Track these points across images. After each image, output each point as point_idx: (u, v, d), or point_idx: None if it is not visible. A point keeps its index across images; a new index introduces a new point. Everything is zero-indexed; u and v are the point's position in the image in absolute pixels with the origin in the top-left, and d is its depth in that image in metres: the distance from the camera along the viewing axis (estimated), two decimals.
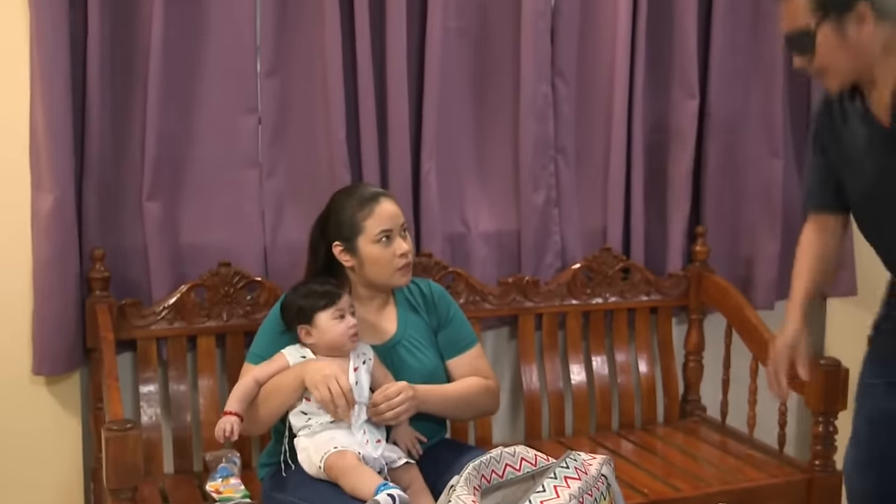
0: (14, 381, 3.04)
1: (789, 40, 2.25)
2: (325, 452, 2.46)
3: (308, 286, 2.63)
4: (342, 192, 2.81)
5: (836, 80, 2.23)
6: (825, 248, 2.51)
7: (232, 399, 2.55)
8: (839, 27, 2.15)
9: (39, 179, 2.93)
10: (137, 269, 3.10)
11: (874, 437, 2.45)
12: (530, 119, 3.38)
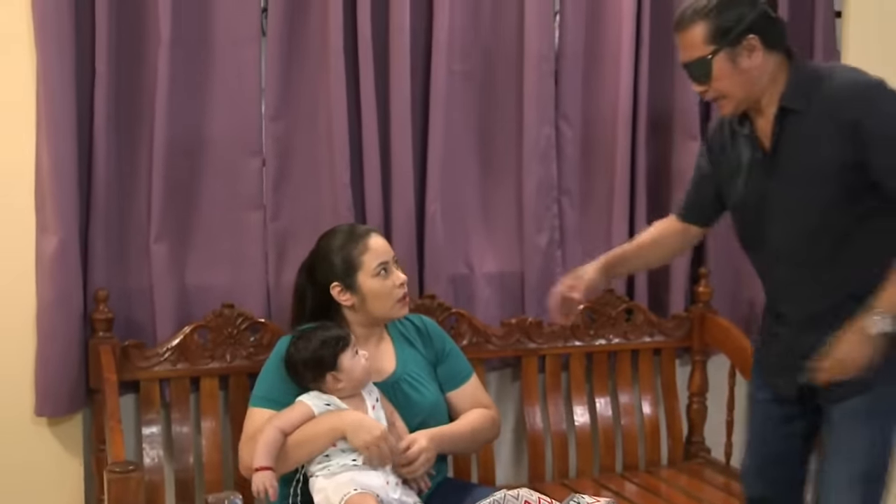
0: (16, 422, 3.03)
1: (688, 69, 2.46)
2: (346, 494, 2.44)
3: (314, 336, 2.61)
4: (328, 235, 2.83)
5: (730, 105, 2.46)
6: (670, 241, 2.79)
7: (261, 454, 2.48)
8: (732, 57, 2.39)
9: (44, 221, 2.94)
10: (141, 310, 3.11)
11: (766, 444, 2.68)
12: (534, 161, 3.39)
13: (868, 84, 2.39)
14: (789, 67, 2.46)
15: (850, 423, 2.49)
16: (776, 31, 2.44)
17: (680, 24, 2.46)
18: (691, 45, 2.43)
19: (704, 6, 2.41)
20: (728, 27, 2.39)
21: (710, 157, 2.67)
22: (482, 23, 3.41)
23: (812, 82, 2.42)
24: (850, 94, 2.37)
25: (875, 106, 2.36)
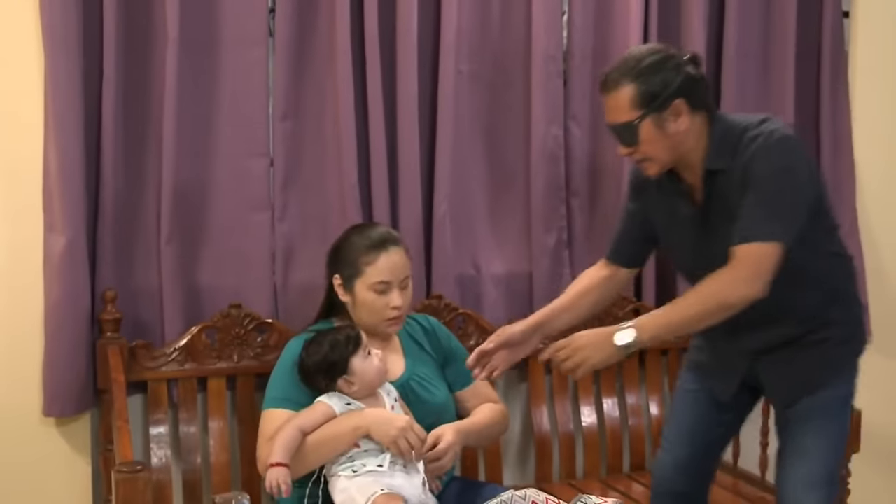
0: (24, 422, 3.04)
1: (615, 131, 2.48)
2: (372, 494, 2.43)
3: (324, 340, 2.60)
4: (357, 228, 2.85)
5: (656, 167, 2.48)
6: (604, 284, 2.78)
7: (278, 450, 2.46)
8: (658, 121, 2.41)
9: (52, 221, 2.95)
10: (149, 310, 3.11)
11: (695, 434, 2.74)
12: (542, 162, 3.39)
13: (775, 137, 2.41)
14: (710, 124, 2.48)
15: (807, 424, 2.56)
16: (700, 92, 2.46)
17: (606, 85, 2.47)
18: (618, 109, 2.44)
19: (632, 69, 2.42)
20: (655, 92, 2.40)
21: (639, 203, 2.69)
22: (490, 23, 3.40)
23: (732, 139, 2.44)
24: (756, 146, 2.40)
25: (769, 153, 2.39)
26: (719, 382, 2.73)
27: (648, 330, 2.40)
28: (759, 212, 2.37)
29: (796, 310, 2.53)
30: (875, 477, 3.89)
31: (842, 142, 3.79)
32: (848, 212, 3.80)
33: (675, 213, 2.57)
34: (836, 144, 3.78)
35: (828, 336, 2.57)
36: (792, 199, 2.39)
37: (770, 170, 2.37)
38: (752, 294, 2.37)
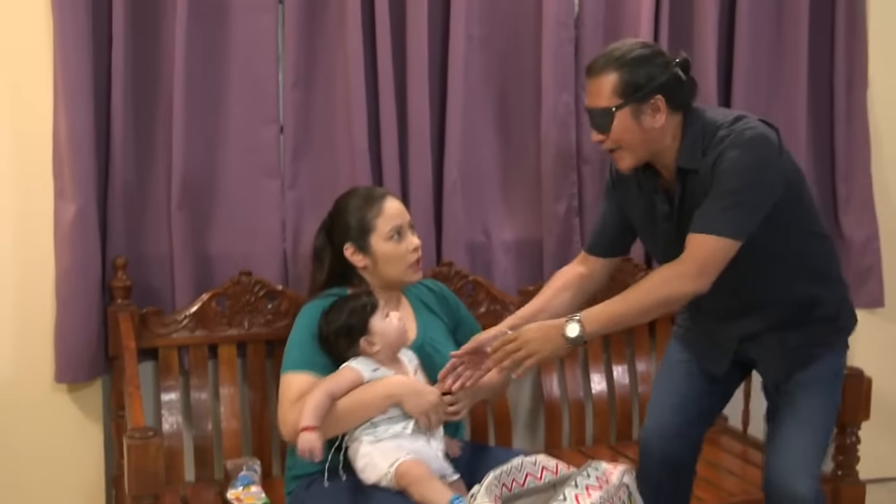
0: (37, 388, 3.06)
1: (591, 115, 2.49)
2: (396, 460, 2.45)
3: (342, 306, 2.60)
4: (345, 196, 2.83)
5: (628, 160, 2.48)
6: (578, 282, 2.76)
7: (308, 414, 2.44)
8: (636, 113, 2.42)
9: (62, 189, 2.95)
10: (159, 277, 3.12)
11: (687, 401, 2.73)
12: (552, 128, 3.38)
13: (745, 136, 2.41)
14: (685, 124, 2.48)
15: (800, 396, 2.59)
16: (683, 94, 2.47)
17: (592, 69, 2.48)
18: (598, 93, 2.45)
19: (619, 58, 2.43)
20: (638, 83, 2.41)
21: (618, 197, 2.71)
22: None
23: (705, 138, 2.45)
24: (724, 145, 2.41)
25: (735, 151, 2.39)
26: (710, 361, 2.74)
27: (593, 322, 2.41)
28: (716, 206, 2.39)
29: (781, 294, 2.56)
30: (884, 444, 3.89)
31: (856, 109, 3.76)
32: (863, 179, 3.78)
33: (652, 209, 2.59)
34: (850, 112, 3.75)
35: (815, 316, 2.59)
36: (751, 198, 2.40)
37: (733, 167, 2.38)
38: (695, 290, 2.41)
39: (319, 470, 2.60)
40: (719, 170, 2.39)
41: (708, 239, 2.39)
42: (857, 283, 3.82)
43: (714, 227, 2.38)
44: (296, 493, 2.67)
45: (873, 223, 3.79)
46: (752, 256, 2.45)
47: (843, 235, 3.80)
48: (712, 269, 2.40)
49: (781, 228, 2.48)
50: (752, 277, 2.50)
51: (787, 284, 2.56)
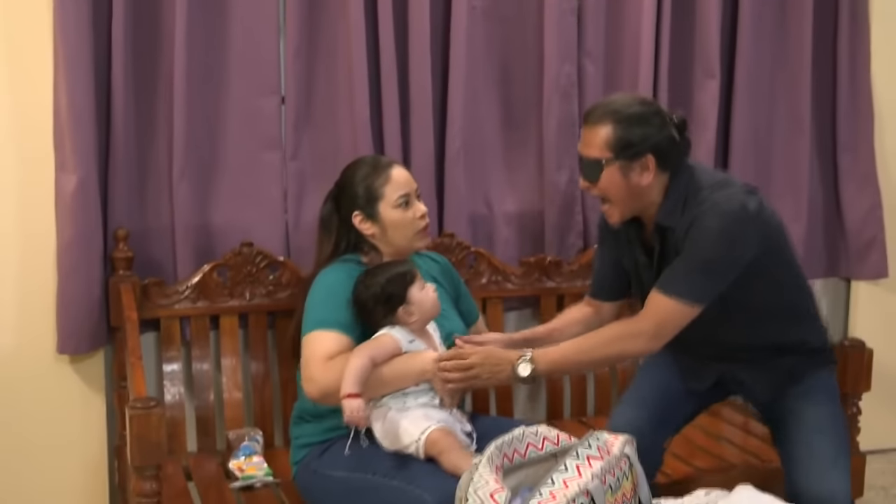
0: (39, 359, 3.07)
1: (581, 163, 2.53)
2: (427, 427, 2.46)
3: (380, 273, 2.58)
4: (352, 165, 2.81)
5: (616, 214, 2.53)
6: (586, 321, 2.78)
7: (352, 381, 2.41)
8: (624, 169, 2.45)
9: (63, 160, 2.95)
10: (161, 248, 3.12)
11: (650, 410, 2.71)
12: (555, 99, 3.37)
13: (723, 205, 2.43)
14: (671, 182, 2.51)
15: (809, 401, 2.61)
16: (674, 155, 2.49)
17: (589, 117, 2.51)
18: (591, 143, 2.48)
19: (616, 111, 2.45)
20: (631, 141, 2.43)
21: (608, 245, 2.76)
22: None
23: (687, 199, 2.48)
24: (702, 209, 2.44)
25: (711, 218, 2.42)
26: (691, 378, 2.76)
27: (545, 364, 2.48)
28: (683, 268, 2.45)
29: (764, 339, 2.62)
30: (885, 416, 3.90)
31: (860, 80, 3.75)
32: (865, 150, 3.77)
33: (636, 260, 2.66)
34: (853, 83, 3.74)
35: (799, 349, 2.65)
36: (718, 268, 2.44)
37: (706, 235, 2.42)
38: (649, 350, 2.52)
39: (331, 437, 2.62)
40: (692, 234, 2.44)
41: (668, 301, 2.45)
42: (859, 255, 3.82)
43: (676, 291, 2.44)
44: (306, 462, 2.68)
45: (876, 194, 3.78)
46: (733, 309, 2.51)
47: (841, 207, 3.79)
48: (668, 331, 2.47)
49: (771, 275, 2.54)
50: (737, 327, 2.58)
51: (772, 328, 2.61)
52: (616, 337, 2.52)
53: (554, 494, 1.73)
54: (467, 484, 1.79)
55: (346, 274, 2.66)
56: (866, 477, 3.07)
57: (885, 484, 3.81)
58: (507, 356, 2.51)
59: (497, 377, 2.51)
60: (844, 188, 3.79)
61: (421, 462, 2.47)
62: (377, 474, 2.50)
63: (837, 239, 3.86)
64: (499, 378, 2.51)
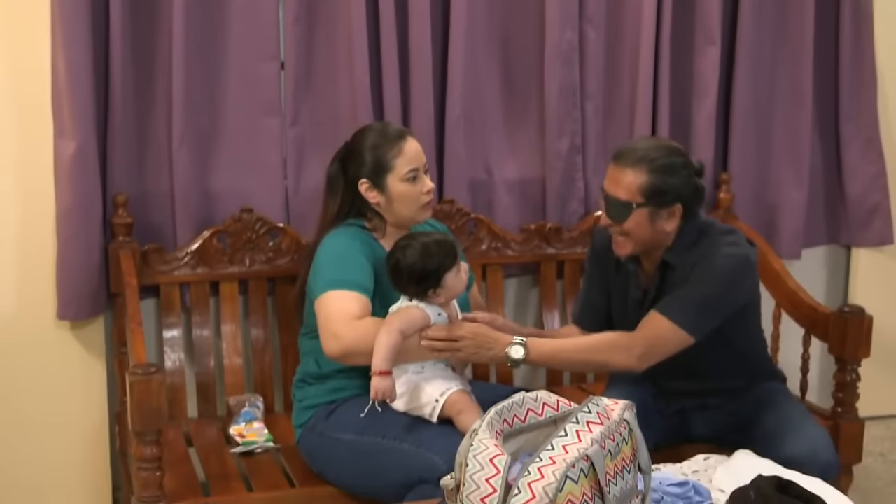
0: (39, 325, 3.07)
1: (608, 202, 2.61)
2: (447, 389, 2.52)
3: (423, 250, 2.52)
4: (366, 130, 2.78)
5: (629, 248, 2.63)
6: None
7: (383, 358, 2.41)
8: (653, 216, 2.57)
9: (62, 126, 2.94)
10: (160, 214, 3.11)
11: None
12: (556, 65, 3.35)
13: (728, 251, 2.59)
14: (684, 225, 2.63)
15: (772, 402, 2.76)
16: (697, 202, 2.63)
17: (622, 159, 2.59)
18: (622, 185, 2.57)
19: (653, 158, 2.55)
20: (664, 190, 2.55)
21: (598, 270, 2.85)
22: None
23: (695, 241, 2.63)
24: (709, 252, 2.59)
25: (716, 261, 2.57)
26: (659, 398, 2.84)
27: (537, 354, 2.56)
28: (686, 299, 2.57)
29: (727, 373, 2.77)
30: (884, 383, 3.91)
31: (863, 46, 3.72)
32: (869, 117, 3.75)
33: (626, 293, 2.75)
34: (856, 49, 3.71)
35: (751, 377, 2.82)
36: (718, 306, 2.58)
37: (712, 274, 2.56)
38: (632, 367, 2.60)
39: (337, 399, 2.64)
40: (698, 270, 2.57)
41: (667, 323, 2.56)
42: (861, 222, 3.81)
43: (677, 317, 2.55)
44: (311, 425, 2.69)
45: (880, 160, 3.77)
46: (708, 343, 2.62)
47: (843, 175, 3.78)
48: (658, 353, 2.58)
49: (747, 325, 2.75)
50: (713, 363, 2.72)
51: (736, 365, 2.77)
52: (606, 345, 2.62)
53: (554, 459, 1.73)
54: (467, 449, 1.79)
55: (355, 237, 2.66)
56: (865, 443, 3.07)
57: (883, 450, 3.83)
58: (500, 337, 2.56)
59: (485, 355, 2.55)
60: (846, 156, 3.77)
61: (431, 425, 2.50)
62: (387, 437, 2.52)
63: (838, 207, 3.85)
64: (485, 356, 2.56)
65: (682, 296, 2.57)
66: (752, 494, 2.00)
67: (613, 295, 2.81)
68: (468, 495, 1.74)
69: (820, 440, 2.62)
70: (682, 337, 2.57)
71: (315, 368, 2.71)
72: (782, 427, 2.66)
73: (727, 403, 2.80)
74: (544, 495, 1.69)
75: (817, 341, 3.12)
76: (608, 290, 2.83)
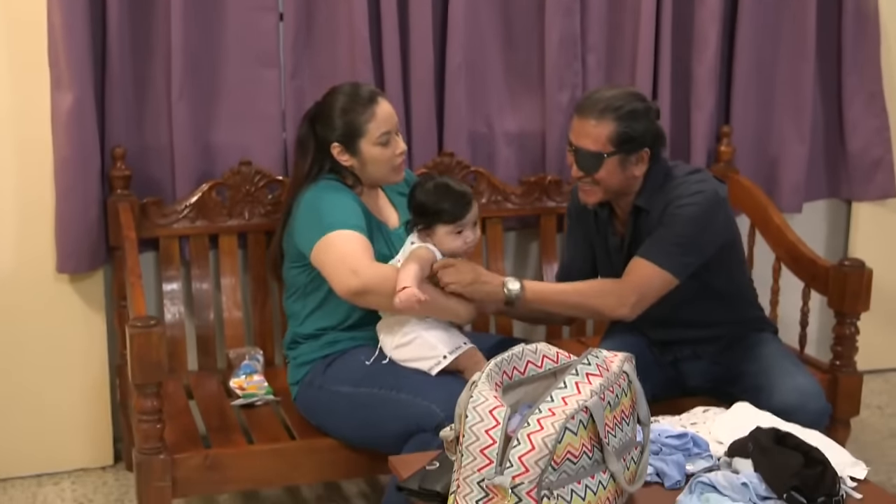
0: (39, 279, 3.07)
1: (578, 154, 2.61)
2: (457, 347, 2.55)
3: (436, 190, 2.55)
4: (336, 91, 2.74)
5: (598, 195, 2.64)
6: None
7: (408, 276, 2.41)
8: (623, 162, 2.59)
9: (59, 78, 2.92)
10: (159, 167, 3.10)
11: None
12: (557, 15, 3.32)
13: (697, 189, 2.61)
14: (650, 169, 2.65)
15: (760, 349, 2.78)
16: (661, 144, 2.67)
17: (586, 111, 2.59)
18: (589, 136, 2.58)
19: (619, 107, 2.57)
20: (632, 137, 2.57)
21: (579, 230, 2.88)
22: None
23: (664, 183, 2.64)
24: (677, 192, 2.61)
25: (687, 201, 2.59)
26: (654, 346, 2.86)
27: (531, 292, 2.58)
28: (665, 241, 2.59)
29: (716, 319, 2.80)
30: (883, 337, 3.92)
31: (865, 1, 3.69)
32: (872, 71, 3.73)
33: (606, 242, 2.79)
34: (859, 4, 3.67)
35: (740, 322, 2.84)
36: (697, 245, 2.61)
37: (685, 214, 2.58)
38: (623, 315, 2.62)
39: (331, 353, 2.65)
40: (672, 211, 2.60)
41: (652, 268, 2.59)
42: (863, 176, 3.79)
43: (659, 259, 2.59)
44: (308, 380, 2.69)
45: (883, 114, 3.75)
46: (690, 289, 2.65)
47: (844, 129, 3.77)
48: (648, 301, 2.61)
49: (725, 268, 2.74)
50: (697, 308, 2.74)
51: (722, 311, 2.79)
52: (600, 293, 2.64)
53: (553, 411, 1.73)
54: (466, 401, 1.79)
55: (339, 189, 2.66)
56: (863, 396, 3.08)
57: (881, 403, 3.85)
58: (496, 275, 2.61)
59: (480, 289, 2.55)
60: (849, 109, 3.75)
61: (428, 376, 2.51)
62: (384, 388, 2.53)
63: (840, 160, 3.83)
64: (481, 290, 2.56)
65: (659, 238, 2.60)
66: (750, 446, 2.02)
67: (597, 247, 2.83)
68: (468, 446, 1.75)
69: (809, 389, 2.63)
70: (667, 278, 2.59)
71: (305, 329, 2.71)
72: (772, 377, 2.68)
73: (719, 354, 2.82)
74: (544, 447, 1.70)
75: (817, 295, 3.12)
76: (591, 244, 2.85)
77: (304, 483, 3.06)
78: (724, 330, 2.82)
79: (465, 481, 1.75)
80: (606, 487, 1.80)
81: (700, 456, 2.10)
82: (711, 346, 2.83)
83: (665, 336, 2.84)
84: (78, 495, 3.11)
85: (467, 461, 1.74)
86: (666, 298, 2.63)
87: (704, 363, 2.84)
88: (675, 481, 2.01)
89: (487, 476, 1.72)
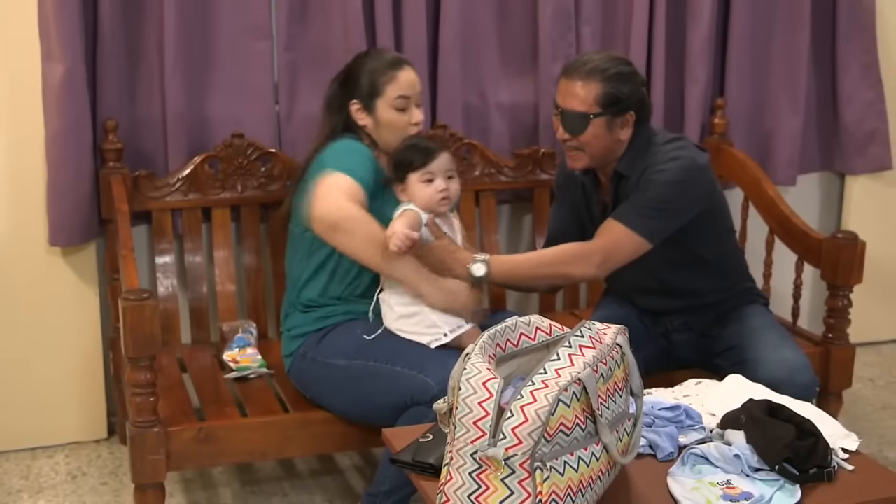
0: (31, 252, 3.06)
1: (564, 116, 2.62)
2: (459, 326, 2.55)
3: (412, 142, 2.61)
4: (364, 55, 2.80)
5: (584, 160, 2.65)
6: None
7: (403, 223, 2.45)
8: (609, 124, 2.60)
9: (49, 49, 2.90)
10: (151, 140, 3.09)
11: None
12: None
13: (676, 156, 2.61)
14: (633, 136, 2.66)
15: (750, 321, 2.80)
16: (647, 112, 2.68)
17: (574, 72, 2.60)
18: (577, 97, 2.59)
19: (606, 69, 2.58)
20: (619, 98, 2.58)
21: (566, 200, 2.88)
22: None
23: (645, 150, 2.65)
24: (657, 158, 2.62)
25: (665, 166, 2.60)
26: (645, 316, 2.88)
27: (497, 269, 2.59)
28: (638, 205, 2.60)
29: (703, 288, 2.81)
30: (876, 309, 3.93)
31: None
32: (867, 41, 3.71)
33: (591, 211, 2.80)
34: None
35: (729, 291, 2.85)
36: (671, 210, 2.61)
37: (661, 179, 2.59)
38: (593, 275, 2.66)
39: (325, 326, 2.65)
40: (648, 177, 2.60)
41: (622, 229, 2.59)
42: (857, 148, 3.79)
43: (631, 222, 2.59)
44: (302, 353, 2.69)
45: (878, 85, 3.74)
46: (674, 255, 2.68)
47: (838, 102, 3.76)
48: (616, 261, 2.61)
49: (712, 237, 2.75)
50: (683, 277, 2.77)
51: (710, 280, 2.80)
52: (566, 256, 2.64)
53: (546, 383, 1.73)
54: (460, 373, 1.79)
55: (361, 148, 2.67)
56: (855, 369, 3.09)
57: (872, 376, 3.86)
58: (462, 255, 2.58)
59: (444, 266, 2.55)
60: (844, 81, 3.74)
61: (423, 349, 2.51)
62: (378, 361, 2.53)
63: (834, 133, 3.82)
64: (445, 267, 2.55)
65: (633, 201, 2.61)
66: (742, 418, 2.02)
67: (584, 217, 2.84)
68: (461, 419, 1.75)
69: (796, 362, 2.65)
70: (638, 241, 2.60)
71: (305, 294, 2.71)
72: (759, 350, 2.69)
73: (709, 326, 2.83)
74: (537, 419, 1.70)
75: (810, 268, 3.12)
76: (579, 216, 2.85)
77: (297, 456, 3.06)
78: (712, 298, 2.82)
79: (458, 453, 1.75)
80: (599, 459, 1.80)
81: (693, 428, 2.10)
82: (701, 317, 2.83)
83: (653, 304, 2.86)
84: (72, 468, 3.11)
85: (461, 433, 1.75)
86: (647, 263, 2.64)
87: (695, 335, 2.85)
88: (668, 453, 2.02)
89: (481, 448, 1.72)
